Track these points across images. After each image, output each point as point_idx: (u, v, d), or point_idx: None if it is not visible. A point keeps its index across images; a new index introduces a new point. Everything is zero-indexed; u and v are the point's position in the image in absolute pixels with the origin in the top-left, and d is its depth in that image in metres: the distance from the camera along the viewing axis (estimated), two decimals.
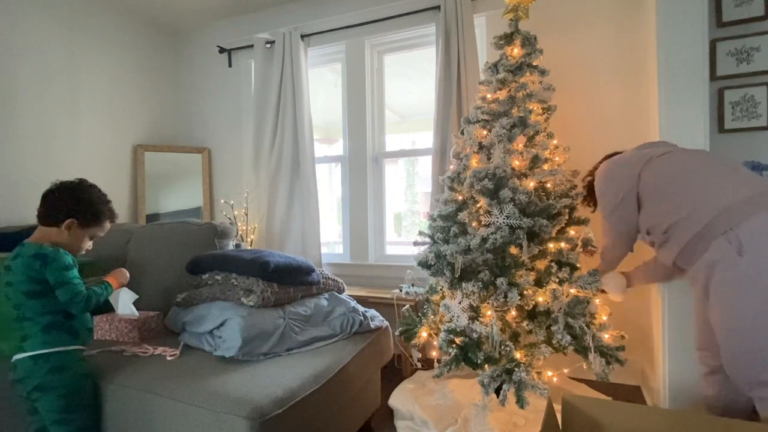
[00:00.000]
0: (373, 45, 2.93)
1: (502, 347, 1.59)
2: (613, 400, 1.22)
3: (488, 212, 1.73)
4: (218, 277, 1.70)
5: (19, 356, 1.32)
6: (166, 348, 1.56)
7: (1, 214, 2.40)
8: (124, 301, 1.72)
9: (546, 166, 1.83)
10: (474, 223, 1.81)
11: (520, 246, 1.67)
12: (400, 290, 2.13)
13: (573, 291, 1.70)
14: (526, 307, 1.68)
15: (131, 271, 2.08)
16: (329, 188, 3.76)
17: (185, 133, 3.52)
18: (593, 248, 1.81)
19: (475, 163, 1.91)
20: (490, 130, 1.91)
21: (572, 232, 1.82)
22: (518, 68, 1.96)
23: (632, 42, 2.26)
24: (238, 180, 3.32)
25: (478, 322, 1.63)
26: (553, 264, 1.72)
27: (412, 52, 2.93)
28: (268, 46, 3.04)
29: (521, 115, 1.86)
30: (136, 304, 1.77)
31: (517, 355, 1.60)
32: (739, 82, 2.03)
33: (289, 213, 2.98)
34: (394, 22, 2.75)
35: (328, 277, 1.89)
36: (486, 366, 1.60)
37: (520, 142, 1.83)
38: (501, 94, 1.95)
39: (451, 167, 2.03)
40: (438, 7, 2.56)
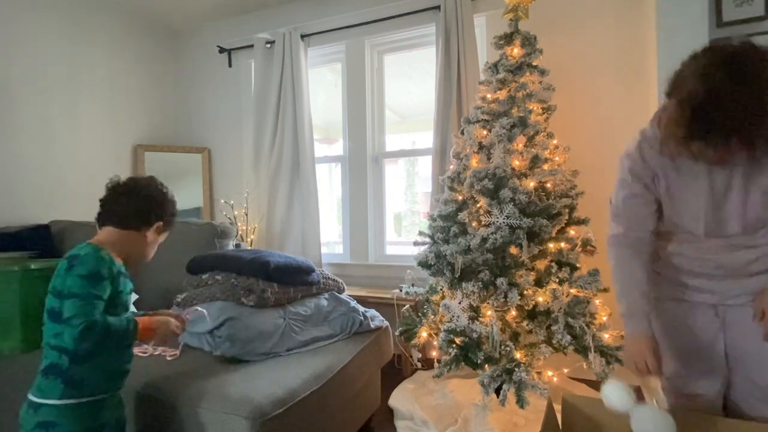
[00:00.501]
0: (373, 45, 2.93)
1: (502, 347, 1.59)
2: None
3: (488, 212, 1.73)
4: (218, 277, 1.70)
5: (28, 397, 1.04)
6: (166, 348, 1.56)
7: (1, 214, 2.40)
8: None
9: (546, 166, 1.83)
10: (474, 223, 1.81)
11: (520, 246, 1.67)
12: (400, 290, 2.13)
13: (573, 291, 1.70)
14: (526, 307, 1.68)
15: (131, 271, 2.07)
16: (329, 188, 3.76)
17: (185, 133, 3.52)
18: (593, 248, 1.81)
19: (475, 163, 1.91)
20: (490, 130, 1.91)
21: (572, 232, 1.83)
22: (518, 68, 1.96)
23: (632, 42, 2.26)
24: (238, 180, 3.31)
25: (478, 322, 1.63)
26: (553, 264, 1.72)
27: (412, 52, 2.93)
28: (268, 46, 3.04)
29: (521, 115, 1.86)
30: (136, 304, 1.77)
31: (517, 355, 1.60)
32: None
33: (289, 213, 2.98)
34: (394, 22, 2.75)
35: (328, 277, 1.89)
36: (486, 366, 1.60)
37: (520, 142, 1.83)
38: (501, 94, 1.95)
39: (451, 167, 2.03)
40: (438, 7, 2.56)
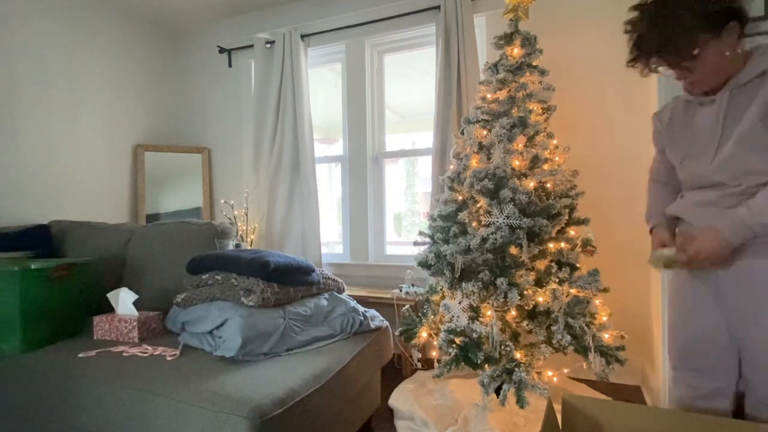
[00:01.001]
0: (373, 45, 2.93)
1: (502, 347, 1.59)
2: (613, 400, 1.22)
3: (488, 212, 1.73)
4: (218, 277, 1.70)
5: None
6: (166, 348, 1.56)
7: (1, 214, 2.40)
8: (123, 300, 1.73)
9: (546, 166, 1.83)
10: (474, 223, 1.81)
11: (520, 246, 1.67)
12: (400, 290, 2.13)
13: (573, 291, 1.70)
14: (526, 307, 1.68)
15: (131, 271, 2.08)
16: (329, 188, 3.76)
17: (185, 133, 3.52)
18: (593, 248, 1.81)
19: (475, 163, 1.91)
20: (490, 130, 1.91)
21: (572, 232, 1.82)
22: (518, 68, 1.96)
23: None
24: (238, 180, 3.32)
25: (478, 322, 1.63)
26: (553, 264, 1.72)
27: (412, 52, 2.93)
28: (268, 46, 3.04)
29: (521, 115, 1.86)
30: (136, 304, 1.77)
31: (517, 355, 1.60)
32: None
33: (289, 213, 2.98)
34: (394, 22, 2.75)
35: (328, 277, 1.89)
36: (486, 366, 1.60)
37: (520, 142, 1.83)
38: (501, 94, 1.95)
39: (451, 167, 2.03)
40: (438, 7, 2.56)
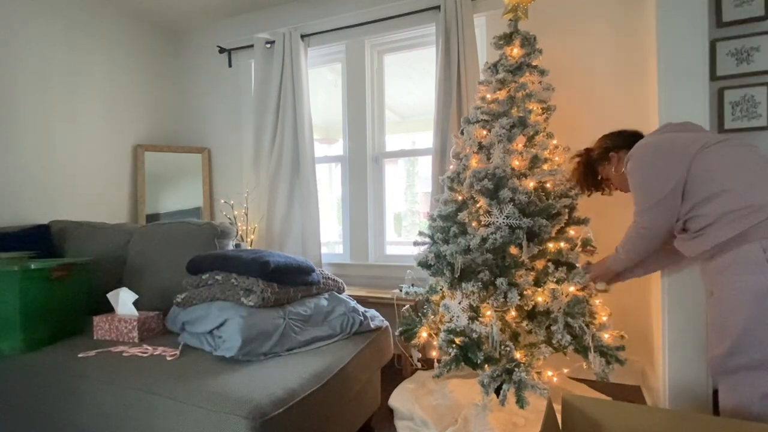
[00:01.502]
0: (373, 45, 2.93)
1: (502, 347, 1.59)
2: (613, 400, 1.22)
3: (488, 212, 1.73)
4: (218, 277, 1.70)
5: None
6: (166, 348, 1.56)
7: (1, 214, 2.40)
8: (123, 300, 1.73)
9: (546, 166, 1.83)
10: (474, 223, 1.81)
11: (520, 246, 1.67)
12: (400, 290, 2.13)
13: (572, 291, 1.70)
14: (526, 307, 1.68)
15: (131, 271, 2.08)
16: (329, 188, 3.76)
17: (185, 133, 3.52)
18: (592, 248, 1.81)
19: (474, 163, 1.91)
20: (489, 130, 1.91)
21: (572, 231, 1.82)
22: (518, 68, 1.96)
23: (632, 42, 2.26)
24: (238, 180, 3.32)
25: (478, 322, 1.63)
26: (550, 264, 1.72)
27: (412, 52, 2.93)
28: (268, 46, 3.04)
29: (521, 115, 1.86)
30: (136, 304, 1.77)
31: (517, 355, 1.60)
32: (739, 82, 2.03)
33: (289, 213, 2.98)
34: (394, 22, 2.75)
35: (328, 277, 1.89)
36: (486, 366, 1.60)
37: (519, 142, 1.83)
38: (501, 94, 1.95)
39: (451, 167, 2.03)
40: (438, 7, 2.56)
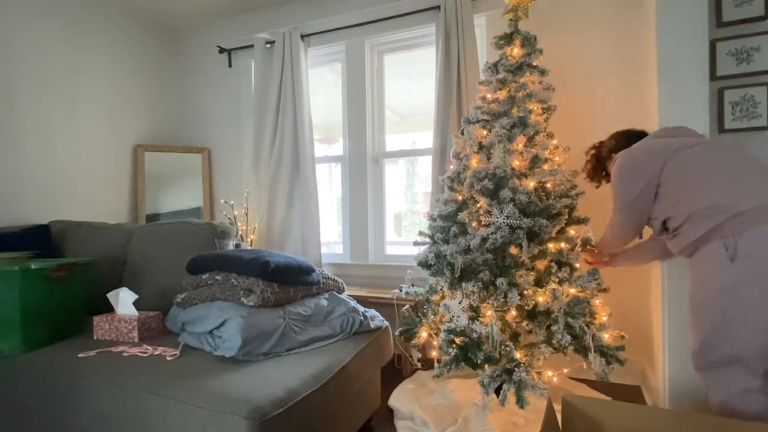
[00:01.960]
0: (373, 45, 2.93)
1: (502, 347, 1.59)
2: (613, 400, 1.22)
3: (488, 212, 1.73)
4: (218, 277, 1.70)
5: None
6: (166, 348, 1.56)
7: (1, 214, 2.40)
8: (123, 300, 1.73)
9: (546, 166, 1.83)
10: (474, 223, 1.81)
11: (520, 246, 1.67)
12: (400, 290, 2.13)
13: (573, 291, 1.70)
14: (526, 307, 1.68)
15: (131, 271, 2.08)
16: (329, 188, 3.76)
17: (185, 133, 3.52)
18: (593, 248, 1.81)
19: (475, 163, 1.91)
20: (490, 130, 1.91)
21: (572, 231, 1.82)
22: (518, 68, 1.96)
23: (632, 42, 2.26)
24: (238, 180, 3.32)
25: (478, 322, 1.63)
26: (553, 264, 1.72)
27: (412, 52, 2.93)
28: (268, 46, 3.04)
29: (521, 115, 1.86)
30: (136, 304, 1.77)
31: (517, 355, 1.60)
32: (739, 82, 2.03)
33: (289, 213, 2.98)
34: (394, 22, 2.75)
35: (328, 277, 1.89)
36: (486, 366, 1.60)
37: (520, 142, 1.83)
38: (501, 94, 1.95)
39: (451, 167, 2.03)
40: (438, 7, 2.56)
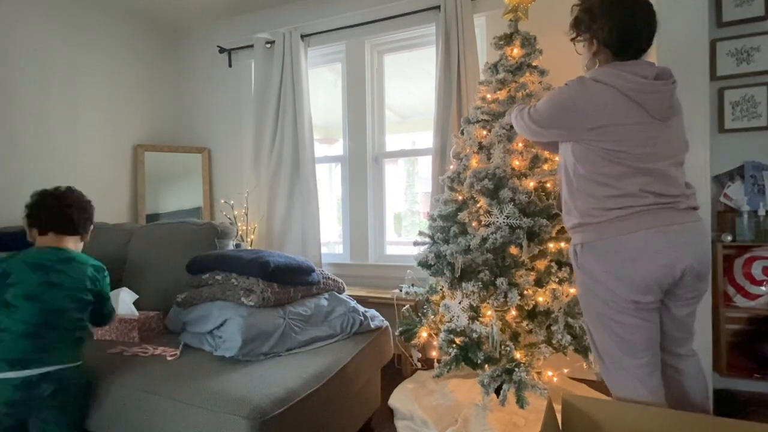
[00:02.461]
0: (373, 45, 2.93)
1: (502, 347, 1.59)
2: (613, 400, 1.22)
3: (488, 212, 1.73)
4: (218, 277, 1.70)
5: (39, 370, 1.18)
6: (166, 348, 1.56)
7: (1, 214, 2.40)
8: (124, 301, 1.73)
9: (546, 166, 1.83)
10: (474, 223, 1.81)
11: (520, 246, 1.67)
12: (400, 290, 2.14)
13: (573, 291, 1.70)
14: (526, 307, 1.68)
15: (131, 271, 2.08)
16: (329, 188, 3.76)
17: (185, 133, 3.52)
18: None
19: (475, 163, 1.91)
20: (490, 130, 1.91)
21: None
22: (518, 68, 1.96)
23: None
24: (238, 180, 3.32)
25: (478, 322, 1.63)
26: (553, 264, 1.72)
27: (412, 52, 2.93)
28: (268, 46, 3.04)
29: None
30: (136, 304, 1.77)
31: (517, 355, 1.60)
32: (739, 82, 2.03)
33: (289, 213, 2.98)
34: (394, 22, 2.75)
35: (328, 277, 1.89)
36: (486, 366, 1.60)
37: (519, 142, 1.83)
38: (501, 94, 1.95)
39: (451, 167, 2.03)
40: (438, 7, 2.56)
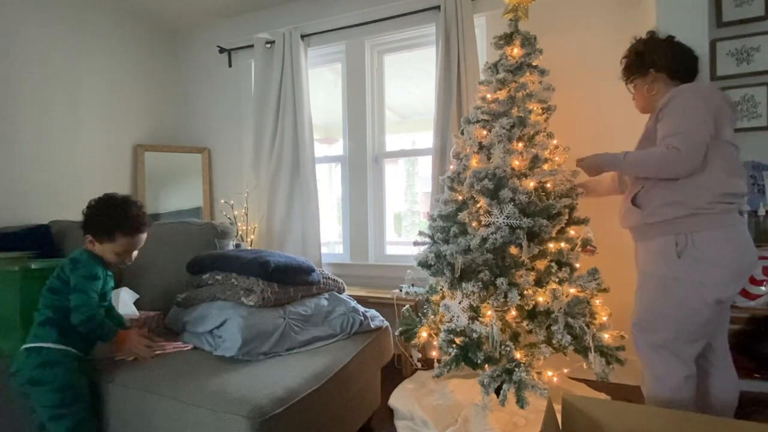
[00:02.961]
0: (373, 45, 2.93)
1: (502, 347, 1.59)
2: (613, 400, 1.22)
3: (488, 212, 1.73)
4: (218, 277, 1.70)
5: (21, 348, 1.36)
6: (177, 345, 1.57)
7: (1, 214, 2.40)
8: (124, 300, 1.73)
9: (546, 166, 1.83)
10: (474, 223, 1.81)
11: (520, 246, 1.67)
12: (400, 290, 2.13)
13: (573, 291, 1.70)
14: (526, 307, 1.68)
15: (131, 270, 2.08)
16: (329, 188, 3.76)
17: (185, 133, 3.52)
18: (593, 248, 1.81)
19: (475, 163, 1.91)
20: (490, 130, 1.91)
21: (572, 232, 1.82)
22: (518, 68, 1.96)
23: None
24: (238, 180, 3.31)
25: (478, 322, 1.63)
26: (553, 264, 1.72)
27: (412, 52, 2.93)
28: (268, 46, 3.04)
29: (521, 115, 1.86)
30: (136, 304, 1.77)
31: (517, 355, 1.60)
32: (739, 82, 2.03)
33: (289, 213, 2.98)
34: (394, 22, 2.75)
35: (328, 277, 1.89)
36: (486, 366, 1.60)
37: (520, 142, 1.83)
38: (501, 94, 1.95)
39: (451, 167, 2.03)
40: (438, 7, 2.56)
